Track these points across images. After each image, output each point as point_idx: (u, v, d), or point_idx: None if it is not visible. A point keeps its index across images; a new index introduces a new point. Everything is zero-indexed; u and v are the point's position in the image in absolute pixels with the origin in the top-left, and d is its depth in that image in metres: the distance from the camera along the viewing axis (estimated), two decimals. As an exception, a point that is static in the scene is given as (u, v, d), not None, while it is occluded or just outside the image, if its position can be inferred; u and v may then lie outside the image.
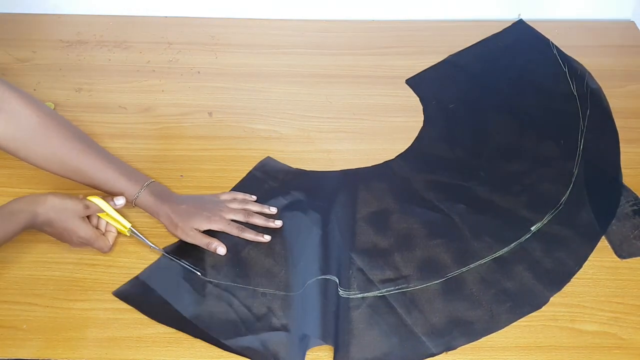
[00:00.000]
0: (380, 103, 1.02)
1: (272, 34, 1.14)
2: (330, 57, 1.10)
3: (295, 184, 0.89)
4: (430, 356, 0.71)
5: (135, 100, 1.01)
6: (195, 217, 0.80)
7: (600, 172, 0.90)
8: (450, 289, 0.77)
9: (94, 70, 1.06)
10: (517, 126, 0.97)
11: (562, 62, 1.06)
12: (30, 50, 1.09)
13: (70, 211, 0.75)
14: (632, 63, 1.10)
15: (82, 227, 0.76)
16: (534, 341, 0.73)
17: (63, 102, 1.00)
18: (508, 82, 1.05)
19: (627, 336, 0.73)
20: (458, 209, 0.85)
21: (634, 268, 0.80)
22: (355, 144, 0.95)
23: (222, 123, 0.98)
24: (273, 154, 0.93)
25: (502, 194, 0.87)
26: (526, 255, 0.80)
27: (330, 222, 0.83)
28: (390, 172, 0.91)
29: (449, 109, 1.00)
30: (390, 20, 1.18)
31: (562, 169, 0.90)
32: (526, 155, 0.93)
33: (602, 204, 0.86)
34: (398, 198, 0.87)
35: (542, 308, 0.76)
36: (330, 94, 1.03)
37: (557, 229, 0.83)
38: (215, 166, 0.92)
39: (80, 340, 0.72)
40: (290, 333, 0.72)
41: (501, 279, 0.78)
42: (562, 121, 0.97)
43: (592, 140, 0.94)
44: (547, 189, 0.88)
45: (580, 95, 1.01)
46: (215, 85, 1.04)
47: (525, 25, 1.16)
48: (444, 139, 0.96)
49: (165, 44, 1.12)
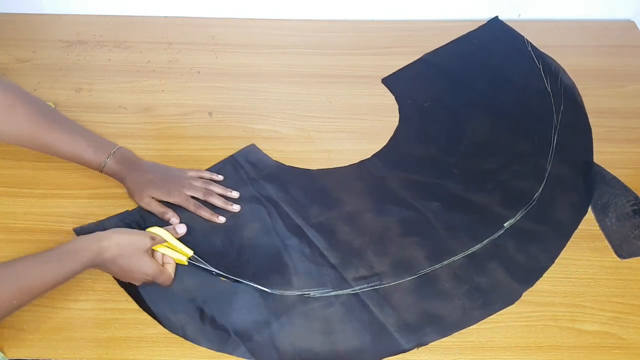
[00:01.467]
0: (380, 103, 1.02)
1: (272, 34, 1.14)
2: (330, 57, 1.10)
3: (271, 177, 0.89)
4: (402, 352, 0.72)
5: (135, 100, 1.01)
6: (157, 186, 0.83)
7: (573, 168, 0.91)
8: (423, 286, 0.78)
9: (94, 70, 1.06)
10: (492, 123, 0.98)
11: (537, 59, 1.07)
12: (30, 50, 1.09)
13: (136, 246, 0.73)
14: (632, 63, 1.10)
15: (148, 262, 0.74)
16: (534, 341, 0.73)
17: (63, 102, 1.00)
18: (483, 80, 1.05)
19: (627, 336, 0.73)
20: (432, 207, 0.86)
21: (634, 268, 0.80)
22: (355, 144, 0.95)
23: (222, 123, 0.98)
24: (273, 154, 0.93)
25: (476, 191, 0.88)
26: (499, 251, 0.81)
27: (296, 218, 0.84)
28: (366, 171, 0.91)
29: (424, 107, 1.01)
30: (390, 20, 1.18)
31: (536, 165, 0.91)
32: (500, 152, 0.94)
33: (574, 199, 0.87)
34: (373, 197, 0.87)
35: (543, 308, 0.76)
36: (330, 94, 1.03)
37: (530, 225, 0.84)
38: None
39: (80, 340, 0.72)
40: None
41: (474, 276, 0.79)
42: (536, 118, 0.98)
43: (566, 137, 0.95)
44: (521, 185, 0.89)
45: (555, 92, 1.01)
46: (215, 85, 1.04)
47: (501, 22, 1.16)
48: (419, 137, 0.96)
49: (165, 44, 1.12)
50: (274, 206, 0.86)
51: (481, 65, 1.08)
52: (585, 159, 0.92)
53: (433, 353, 0.72)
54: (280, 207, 0.85)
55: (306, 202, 0.86)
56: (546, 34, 1.15)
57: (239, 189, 0.87)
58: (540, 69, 1.05)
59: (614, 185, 0.89)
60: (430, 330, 0.74)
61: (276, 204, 0.86)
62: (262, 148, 0.94)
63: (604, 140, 0.96)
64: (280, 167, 0.91)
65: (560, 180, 0.89)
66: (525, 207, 0.86)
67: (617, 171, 0.91)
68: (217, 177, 0.88)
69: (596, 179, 0.90)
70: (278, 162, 0.92)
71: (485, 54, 1.10)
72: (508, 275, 0.79)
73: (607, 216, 0.85)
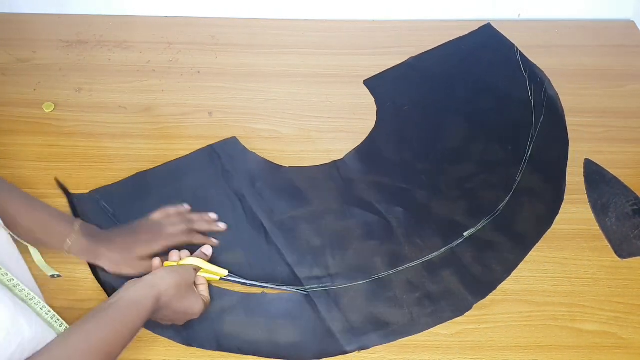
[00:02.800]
0: (380, 103, 1.02)
1: (272, 34, 1.14)
2: (330, 57, 1.10)
3: (244, 171, 0.90)
4: (342, 353, 0.72)
5: (135, 100, 1.01)
6: (134, 245, 0.74)
7: (544, 180, 0.89)
8: (374, 291, 0.77)
9: (94, 70, 1.06)
10: (468, 130, 0.97)
11: (524, 68, 1.05)
12: (30, 50, 1.09)
13: (186, 283, 0.69)
14: (632, 63, 1.10)
15: (198, 298, 0.70)
16: (534, 341, 0.73)
17: (63, 102, 1.00)
18: (466, 86, 1.04)
19: (627, 336, 0.73)
20: (396, 212, 0.85)
21: (634, 268, 0.80)
22: (355, 144, 0.95)
23: (222, 123, 0.98)
24: (273, 154, 0.93)
25: (441, 198, 0.87)
26: (456, 260, 0.80)
27: (260, 214, 0.84)
28: (335, 171, 0.90)
29: (402, 110, 1.00)
30: (390, 20, 1.18)
31: (506, 175, 0.90)
32: (472, 160, 0.92)
33: (541, 212, 0.86)
34: (339, 198, 0.87)
35: (543, 307, 0.76)
36: (330, 94, 1.03)
37: (491, 235, 0.83)
38: (215, 166, 0.92)
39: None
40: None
41: (427, 284, 0.78)
42: (514, 127, 0.97)
43: (541, 148, 0.93)
44: (488, 195, 0.88)
45: (537, 103, 1.00)
46: (215, 85, 1.04)
47: (492, 29, 1.14)
48: (393, 140, 0.95)
49: (165, 44, 1.12)
50: (240, 200, 0.86)
51: (466, 71, 1.07)
52: (558, 172, 0.90)
53: (433, 353, 0.72)
54: (246, 202, 0.86)
55: (272, 199, 0.86)
56: (546, 34, 1.15)
57: (210, 179, 0.88)
58: (526, 79, 1.03)
59: (614, 185, 0.89)
60: (374, 336, 0.73)
61: (242, 198, 0.86)
62: (262, 148, 0.94)
63: (604, 140, 0.96)
64: (255, 161, 0.92)
65: (528, 192, 0.88)
66: (488, 217, 0.84)
67: (617, 171, 0.91)
68: (182, 207, 0.82)
69: (596, 179, 0.90)
70: (256, 155, 0.92)
71: (471, 60, 1.09)
72: (461, 286, 0.78)
73: (607, 216, 0.85)
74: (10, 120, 0.97)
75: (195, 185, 0.88)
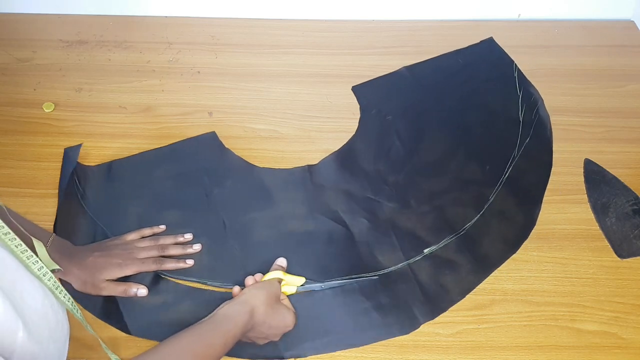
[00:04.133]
0: (380, 103, 1.02)
1: (272, 34, 1.14)
2: (330, 57, 1.10)
3: (218, 167, 0.90)
4: (279, 358, 0.71)
5: (135, 100, 1.01)
6: (105, 267, 0.74)
7: (517, 204, 0.86)
8: (322, 300, 0.76)
9: (94, 70, 1.06)
10: (449, 145, 0.94)
11: (519, 85, 1.02)
12: (30, 50, 1.09)
13: (274, 297, 0.70)
14: (632, 63, 1.10)
15: (287, 310, 0.70)
16: (534, 341, 0.73)
17: (63, 102, 1.00)
18: (456, 100, 1.01)
19: (627, 336, 0.73)
20: (360, 223, 0.84)
21: (634, 268, 0.80)
22: (355, 144, 0.95)
23: (222, 123, 0.98)
24: (273, 154, 0.93)
25: (408, 213, 0.85)
26: (412, 277, 0.78)
27: (223, 213, 0.84)
28: (307, 176, 0.89)
29: (386, 120, 0.97)
30: (390, 20, 1.18)
31: (479, 195, 0.87)
32: (447, 176, 0.90)
33: (508, 236, 0.83)
34: (304, 203, 0.86)
35: (543, 307, 0.76)
36: (330, 94, 1.03)
37: (453, 255, 0.81)
38: (215, 166, 0.92)
39: (81, 340, 0.72)
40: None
41: (379, 297, 0.76)
42: (497, 146, 0.94)
43: (521, 170, 0.90)
44: (456, 213, 0.85)
45: (526, 123, 0.96)
46: (215, 85, 1.04)
47: (494, 44, 1.11)
48: (370, 150, 0.93)
49: (165, 44, 1.12)
50: (207, 196, 0.86)
51: (458, 84, 1.03)
52: (534, 197, 0.87)
53: (433, 353, 0.72)
54: (213, 199, 0.86)
55: (239, 198, 0.86)
56: (546, 34, 1.15)
57: (185, 172, 0.89)
58: (519, 97, 1.00)
59: (614, 185, 0.89)
60: (310, 345, 0.72)
61: (210, 194, 0.86)
62: (262, 148, 0.94)
63: (604, 140, 0.96)
64: (230, 159, 0.92)
65: (499, 215, 0.85)
66: (452, 236, 0.82)
67: (617, 171, 0.91)
68: (158, 228, 0.81)
69: (596, 179, 0.90)
70: (232, 153, 0.93)
71: (466, 74, 1.05)
72: (413, 304, 0.75)
73: (607, 216, 0.85)
74: (10, 120, 0.97)
75: (167, 175, 0.89)
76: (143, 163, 0.91)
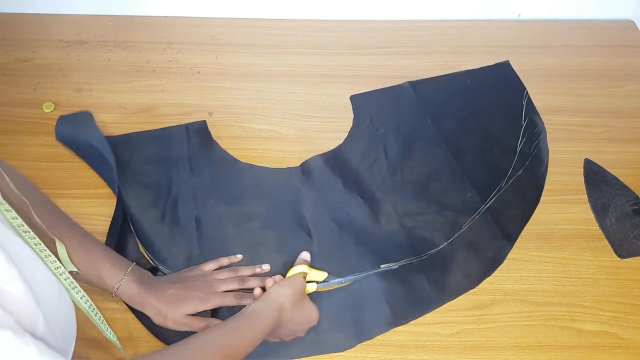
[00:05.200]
0: (380, 103, 1.02)
1: (272, 34, 1.14)
2: (330, 57, 1.10)
3: (200, 157, 0.91)
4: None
5: (135, 100, 1.01)
6: (187, 301, 0.71)
7: (490, 237, 0.82)
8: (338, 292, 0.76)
9: (94, 70, 1.06)
10: (435, 167, 0.91)
11: (525, 114, 0.97)
12: (30, 50, 1.09)
13: (300, 293, 0.70)
14: (632, 63, 1.10)
15: (312, 304, 0.70)
16: (534, 341, 0.73)
17: (63, 102, 1.00)
18: (455, 121, 0.97)
19: (627, 336, 0.73)
20: (322, 233, 0.82)
21: (634, 268, 0.80)
22: (355, 144, 0.95)
23: (222, 123, 0.98)
24: (273, 154, 0.93)
25: (375, 230, 0.82)
26: (361, 294, 0.76)
27: (192, 204, 0.85)
28: (285, 178, 0.89)
29: (377, 133, 0.95)
30: (390, 20, 1.18)
31: (453, 221, 0.84)
32: (424, 198, 0.87)
33: (470, 270, 0.79)
34: (273, 204, 0.86)
35: (543, 307, 0.76)
36: (330, 94, 1.03)
37: (409, 276, 0.78)
38: (215, 166, 0.91)
39: (81, 340, 0.71)
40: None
41: (321, 310, 0.73)
42: (487, 173, 0.89)
43: (505, 202, 0.86)
44: (424, 236, 0.82)
45: (522, 154, 0.91)
46: (215, 85, 1.04)
47: (508, 68, 1.06)
48: (354, 161, 0.91)
49: (165, 44, 1.12)
50: (183, 184, 0.87)
51: (461, 106, 0.99)
52: (510, 232, 0.82)
53: (433, 353, 0.72)
54: (187, 188, 0.87)
55: (211, 191, 0.87)
56: (546, 34, 1.15)
57: (168, 156, 0.90)
58: (522, 127, 0.95)
59: (614, 185, 0.89)
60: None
61: (186, 183, 0.87)
62: (262, 148, 0.94)
63: (604, 140, 0.96)
64: (216, 151, 0.92)
65: (468, 246, 0.81)
66: (413, 258, 0.79)
67: (617, 171, 0.91)
68: (235, 258, 0.80)
69: (596, 179, 0.90)
70: (218, 145, 0.93)
71: (471, 96, 1.01)
72: (350, 321, 0.74)
73: (607, 216, 0.85)
74: (10, 120, 0.97)
75: (149, 158, 0.90)
76: (130, 142, 0.93)
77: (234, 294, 0.74)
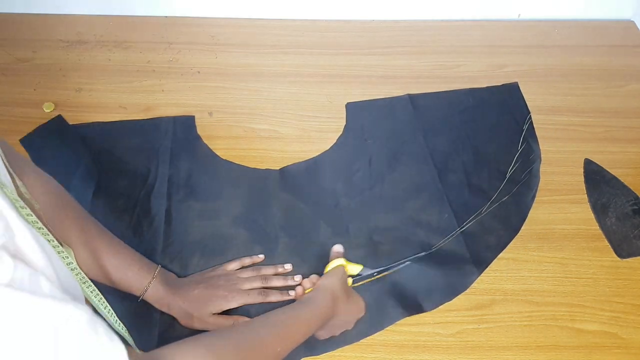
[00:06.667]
0: (380, 103, 1.02)
1: (272, 34, 1.14)
2: (330, 57, 1.10)
3: (182, 151, 0.91)
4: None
5: (135, 100, 1.01)
6: (212, 300, 0.72)
7: (460, 261, 0.80)
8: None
9: (94, 70, 1.06)
10: (417, 183, 0.88)
11: (523, 139, 0.94)
12: (30, 50, 1.09)
13: (345, 283, 0.69)
14: (632, 63, 1.10)
15: (358, 296, 0.71)
16: (534, 341, 0.73)
17: (63, 102, 1.00)
18: (446, 139, 0.94)
19: (627, 336, 0.73)
20: (288, 239, 0.82)
21: (634, 268, 0.80)
22: (355, 144, 0.95)
23: (222, 123, 0.98)
24: (273, 154, 0.93)
25: (343, 241, 0.77)
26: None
27: (162, 198, 0.85)
28: (262, 180, 0.89)
29: (365, 143, 0.94)
30: (390, 20, 1.18)
31: (424, 240, 0.81)
32: (399, 214, 0.84)
33: (431, 293, 0.77)
34: (244, 205, 0.85)
35: (543, 307, 0.76)
36: (330, 94, 1.03)
37: (369, 293, 0.75)
38: (215, 166, 0.91)
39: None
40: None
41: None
42: (468, 196, 0.87)
43: (483, 228, 0.83)
44: (389, 252, 0.80)
45: (512, 180, 0.89)
46: (215, 85, 1.04)
47: (516, 90, 1.03)
48: (334, 169, 0.90)
49: (165, 44, 1.12)
50: (159, 176, 0.88)
51: (457, 124, 0.97)
52: (482, 259, 0.80)
53: (433, 353, 0.72)
54: (161, 180, 0.87)
55: (184, 185, 0.87)
56: (546, 34, 1.15)
57: (151, 148, 0.91)
58: (517, 153, 0.92)
59: (614, 185, 0.89)
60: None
61: (162, 176, 0.88)
62: (262, 148, 0.94)
63: (604, 140, 0.96)
64: (197, 145, 0.93)
65: (435, 267, 0.78)
66: (373, 272, 0.76)
67: (617, 171, 0.91)
68: (257, 258, 0.80)
69: (596, 179, 0.90)
70: (201, 140, 0.94)
71: (470, 115, 0.98)
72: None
73: (607, 216, 0.85)
74: (10, 120, 0.97)
75: (131, 147, 0.91)
76: (115, 130, 0.94)
77: (258, 291, 0.75)
